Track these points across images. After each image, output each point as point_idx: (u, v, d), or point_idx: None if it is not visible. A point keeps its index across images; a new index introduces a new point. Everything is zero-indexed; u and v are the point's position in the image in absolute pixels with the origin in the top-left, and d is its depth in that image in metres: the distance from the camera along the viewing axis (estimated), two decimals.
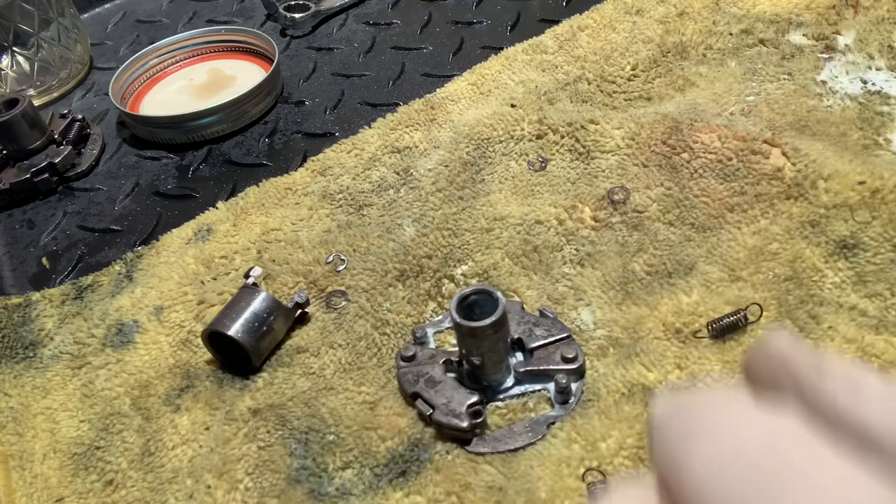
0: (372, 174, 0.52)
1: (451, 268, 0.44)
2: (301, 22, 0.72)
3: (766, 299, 0.38)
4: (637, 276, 0.41)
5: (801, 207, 0.42)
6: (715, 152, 0.46)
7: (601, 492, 0.32)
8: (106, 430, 0.39)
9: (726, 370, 0.36)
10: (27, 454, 0.39)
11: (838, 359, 0.16)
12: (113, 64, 0.71)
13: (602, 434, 0.34)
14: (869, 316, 0.37)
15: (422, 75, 0.63)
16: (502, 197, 0.47)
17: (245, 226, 0.50)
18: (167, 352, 0.43)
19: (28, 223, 0.55)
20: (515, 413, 0.36)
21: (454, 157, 0.51)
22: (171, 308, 0.45)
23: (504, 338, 0.36)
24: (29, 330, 0.46)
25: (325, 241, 0.47)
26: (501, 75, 0.58)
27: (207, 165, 0.58)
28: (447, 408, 0.36)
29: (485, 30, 0.67)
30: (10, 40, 0.65)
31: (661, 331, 0.38)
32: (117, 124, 0.64)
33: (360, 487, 0.35)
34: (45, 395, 0.42)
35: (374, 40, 0.68)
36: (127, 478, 0.37)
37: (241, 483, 0.36)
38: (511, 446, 0.35)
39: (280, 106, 0.62)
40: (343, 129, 0.58)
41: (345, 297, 0.44)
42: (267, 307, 0.41)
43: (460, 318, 0.34)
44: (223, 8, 0.78)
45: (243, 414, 0.39)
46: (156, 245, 0.50)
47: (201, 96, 0.64)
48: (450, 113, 0.56)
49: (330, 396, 0.39)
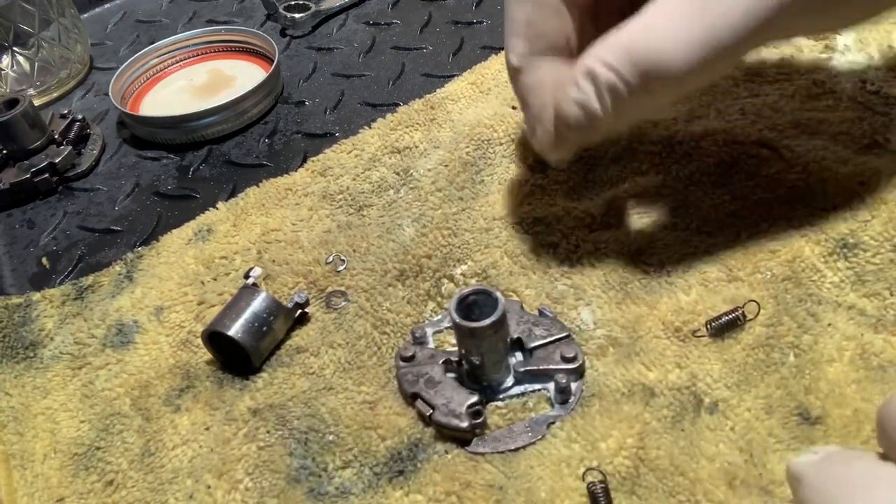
0: (372, 174, 0.52)
1: (451, 267, 0.44)
2: (301, 22, 0.72)
3: (765, 298, 0.38)
4: (636, 276, 0.41)
5: (800, 207, 0.42)
6: (713, 154, 0.46)
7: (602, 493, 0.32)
8: (106, 431, 0.39)
9: (726, 369, 0.36)
10: (28, 454, 0.39)
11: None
12: (113, 64, 0.71)
13: (602, 434, 0.34)
14: (868, 315, 0.37)
15: (422, 75, 0.63)
16: (500, 197, 0.47)
17: (245, 226, 0.50)
18: (167, 352, 0.43)
19: (28, 223, 0.56)
20: (515, 413, 0.36)
21: (454, 156, 0.51)
22: (171, 308, 0.45)
23: (504, 338, 0.36)
24: (29, 330, 0.46)
25: (325, 241, 0.47)
26: (501, 74, 0.58)
27: (207, 166, 0.58)
28: (447, 408, 0.36)
29: (485, 30, 0.67)
30: (11, 40, 0.65)
31: (660, 330, 0.38)
32: (117, 124, 0.64)
33: (360, 486, 0.35)
34: (45, 396, 0.42)
35: (374, 40, 0.69)
36: (127, 478, 0.37)
37: (241, 483, 0.36)
38: (511, 446, 0.35)
39: (280, 106, 0.63)
40: (343, 130, 0.58)
41: (345, 297, 0.44)
42: (267, 307, 0.41)
43: (460, 319, 0.34)
44: (223, 8, 0.78)
45: (243, 414, 0.39)
46: (156, 245, 0.50)
47: (201, 96, 0.64)
48: (450, 113, 0.56)
49: (329, 396, 0.39)
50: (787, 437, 0.33)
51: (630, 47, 0.32)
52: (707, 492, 0.31)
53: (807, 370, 0.35)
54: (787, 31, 0.33)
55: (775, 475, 0.32)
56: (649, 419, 0.34)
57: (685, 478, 0.32)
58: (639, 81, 0.33)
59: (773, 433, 0.33)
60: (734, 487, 0.32)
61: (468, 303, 0.35)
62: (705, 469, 0.32)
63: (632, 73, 0.33)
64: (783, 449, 0.33)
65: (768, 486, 0.31)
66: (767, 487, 0.31)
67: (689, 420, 0.34)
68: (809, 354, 0.36)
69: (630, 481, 0.33)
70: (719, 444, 0.33)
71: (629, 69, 0.32)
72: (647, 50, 0.32)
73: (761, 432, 0.33)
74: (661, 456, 0.33)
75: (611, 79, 0.33)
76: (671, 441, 0.34)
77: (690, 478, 0.32)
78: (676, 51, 0.32)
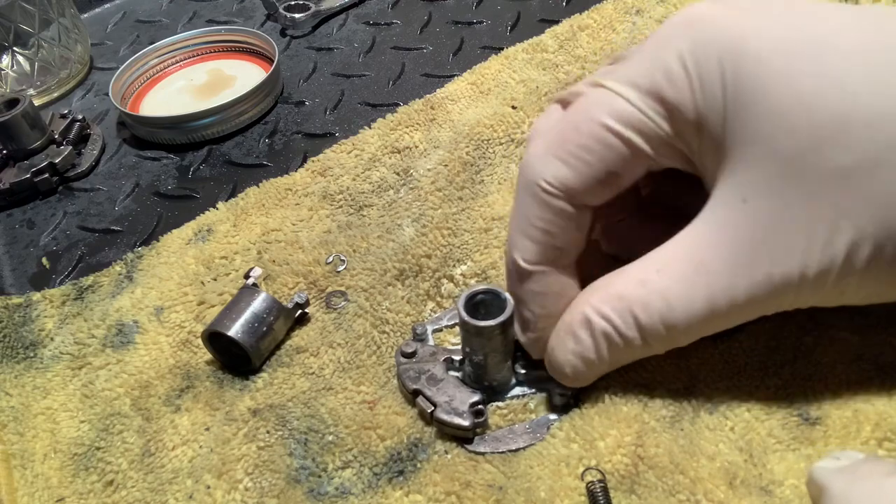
0: (372, 174, 0.52)
1: (451, 267, 0.44)
2: (301, 22, 0.72)
3: None
4: None
5: None
6: None
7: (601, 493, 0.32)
8: (106, 431, 0.39)
9: (726, 369, 0.36)
10: (28, 454, 0.39)
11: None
12: (113, 64, 0.71)
13: (601, 433, 0.34)
14: (867, 315, 0.37)
15: (422, 75, 0.63)
16: (500, 197, 0.47)
17: (245, 226, 0.50)
18: (167, 352, 0.43)
19: (28, 223, 0.56)
20: (516, 414, 0.36)
21: (454, 156, 0.51)
22: (171, 308, 0.45)
23: (509, 339, 0.36)
24: (29, 330, 0.46)
25: (325, 241, 0.47)
26: (501, 74, 0.58)
27: (207, 166, 0.58)
28: (449, 406, 0.36)
29: (485, 30, 0.67)
30: (11, 40, 0.65)
31: None
32: (117, 124, 0.64)
33: (360, 487, 0.35)
34: (45, 396, 0.42)
35: (374, 40, 0.69)
36: (127, 478, 0.37)
37: (241, 483, 0.36)
38: (512, 446, 0.35)
39: (280, 106, 0.63)
40: (343, 130, 0.58)
41: (344, 297, 0.44)
42: (267, 307, 0.41)
43: (468, 317, 0.34)
44: (223, 8, 0.78)
45: (243, 414, 0.39)
46: (156, 245, 0.50)
47: (201, 96, 0.64)
48: (450, 113, 0.56)
49: (329, 396, 0.39)
50: (787, 437, 0.33)
51: (630, 305, 0.32)
52: (707, 491, 0.31)
53: (807, 370, 0.35)
54: (795, 306, 0.31)
55: (775, 475, 0.32)
56: (648, 419, 0.34)
57: (685, 476, 0.32)
58: (637, 337, 0.32)
59: (773, 433, 0.33)
60: (734, 487, 0.32)
61: (475, 302, 0.35)
62: (705, 468, 0.32)
63: (631, 330, 0.32)
64: (783, 449, 0.33)
65: (768, 486, 0.31)
66: (767, 487, 0.31)
67: (689, 420, 0.34)
68: (809, 355, 0.36)
69: (629, 480, 0.33)
70: (719, 444, 0.33)
71: (629, 326, 0.32)
72: (646, 311, 0.31)
73: (761, 432, 0.33)
74: (661, 454, 0.33)
75: (609, 331, 0.33)
76: (670, 440, 0.34)
77: (691, 476, 0.32)
78: (675, 316, 0.31)
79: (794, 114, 0.29)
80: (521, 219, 0.34)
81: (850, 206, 0.28)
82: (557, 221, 0.33)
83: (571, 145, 0.32)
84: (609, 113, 0.32)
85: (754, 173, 0.30)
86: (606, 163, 0.32)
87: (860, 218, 0.28)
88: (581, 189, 0.32)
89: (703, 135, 0.31)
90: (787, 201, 0.29)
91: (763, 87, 0.29)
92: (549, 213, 0.33)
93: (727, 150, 0.30)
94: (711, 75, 0.30)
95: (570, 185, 0.32)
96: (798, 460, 0.32)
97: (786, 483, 0.31)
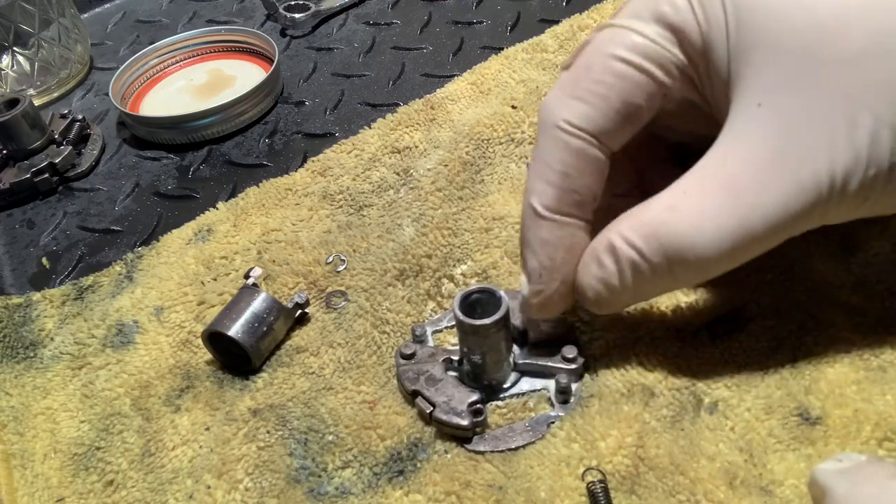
0: (372, 174, 0.52)
1: (451, 267, 0.44)
2: (301, 22, 0.72)
3: (765, 298, 0.38)
4: None
5: None
6: None
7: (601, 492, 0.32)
8: (106, 431, 0.39)
9: (725, 369, 0.36)
10: (28, 454, 0.39)
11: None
12: (113, 64, 0.71)
13: (602, 433, 0.34)
14: (868, 315, 0.37)
15: (422, 75, 0.63)
16: (500, 197, 0.47)
17: (245, 226, 0.50)
18: (167, 352, 0.43)
19: (28, 223, 0.56)
20: (515, 412, 0.36)
21: (454, 156, 0.51)
22: (171, 308, 0.45)
23: (506, 337, 0.36)
24: (29, 330, 0.46)
25: (325, 241, 0.47)
26: (501, 74, 0.58)
27: (207, 166, 0.58)
28: (448, 406, 0.36)
29: (485, 30, 0.67)
30: (11, 40, 0.65)
31: (661, 331, 0.38)
32: (117, 124, 0.64)
33: (360, 486, 0.35)
34: (45, 396, 0.42)
35: (374, 40, 0.69)
36: (127, 478, 0.37)
37: (241, 483, 0.36)
38: (511, 445, 0.35)
39: (280, 106, 0.63)
40: (343, 130, 0.58)
41: (345, 297, 0.44)
42: (267, 307, 0.41)
43: (463, 316, 0.34)
44: (223, 8, 0.78)
45: (243, 414, 0.39)
46: (156, 245, 0.50)
47: (201, 96, 0.64)
48: (450, 113, 0.56)
49: (329, 396, 0.39)
50: (787, 437, 0.33)
51: (657, 229, 0.31)
52: (707, 491, 0.31)
53: (807, 370, 0.35)
54: (822, 221, 0.31)
55: (775, 475, 0.32)
56: (649, 419, 0.34)
57: (685, 477, 0.32)
58: (663, 264, 0.32)
59: (773, 433, 0.33)
60: (734, 487, 0.32)
61: (471, 301, 0.36)
62: (705, 468, 0.32)
63: (657, 256, 0.31)
64: (783, 449, 0.33)
65: (768, 486, 0.31)
66: (767, 487, 0.31)
67: (689, 420, 0.34)
68: (809, 355, 0.36)
69: (630, 480, 0.33)
70: (719, 444, 0.33)
71: (654, 252, 0.31)
72: (674, 234, 0.31)
73: (761, 432, 0.33)
74: (661, 455, 0.33)
75: (634, 258, 0.32)
76: (671, 440, 0.34)
77: (691, 477, 0.32)
78: (704, 239, 0.31)
79: (796, 15, 0.30)
80: (539, 163, 0.34)
81: (863, 94, 0.29)
82: (576, 163, 0.33)
83: (587, 82, 0.33)
84: (620, 45, 0.32)
85: (765, 78, 0.30)
86: (622, 94, 0.32)
87: (876, 105, 0.29)
88: (601, 125, 0.33)
89: (710, 55, 0.32)
90: (802, 100, 0.29)
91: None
92: (568, 153, 0.33)
93: (735, 64, 0.31)
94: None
95: (589, 122, 0.33)
96: (798, 460, 0.32)
97: (786, 483, 0.31)
